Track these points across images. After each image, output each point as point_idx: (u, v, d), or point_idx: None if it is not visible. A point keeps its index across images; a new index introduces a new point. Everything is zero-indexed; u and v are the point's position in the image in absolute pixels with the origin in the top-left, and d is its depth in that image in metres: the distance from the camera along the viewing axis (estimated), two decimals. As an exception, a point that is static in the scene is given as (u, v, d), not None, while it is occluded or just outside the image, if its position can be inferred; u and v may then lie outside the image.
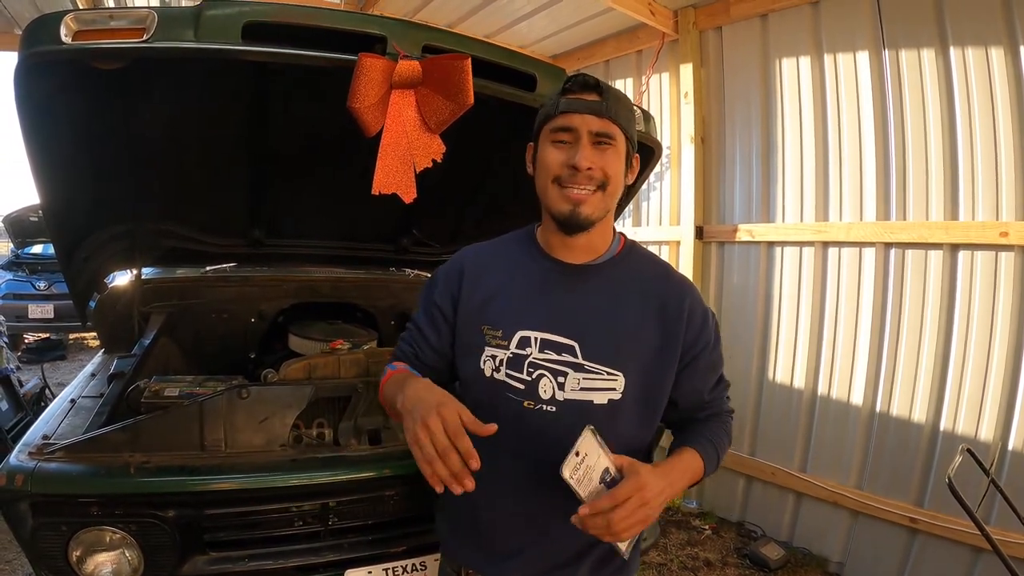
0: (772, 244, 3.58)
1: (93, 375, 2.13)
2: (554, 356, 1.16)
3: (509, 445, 1.18)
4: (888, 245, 3.07)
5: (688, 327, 1.21)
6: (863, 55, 3.10)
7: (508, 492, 1.21)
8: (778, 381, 3.59)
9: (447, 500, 1.32)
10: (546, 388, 1.15)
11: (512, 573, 1.22)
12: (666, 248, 4.12)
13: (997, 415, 2.71)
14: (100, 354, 2.42)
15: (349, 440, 1.75)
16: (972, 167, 2.76)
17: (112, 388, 1.86)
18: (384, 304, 2.91)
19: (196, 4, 1.33)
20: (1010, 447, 2.66)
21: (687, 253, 3.92)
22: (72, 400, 1.86)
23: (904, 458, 3.01)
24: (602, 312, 1.19)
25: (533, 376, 1.16)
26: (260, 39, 1.35)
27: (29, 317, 7.52)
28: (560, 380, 1.15)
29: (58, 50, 1.22)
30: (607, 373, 1.15)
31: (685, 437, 1.26)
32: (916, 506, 2.95)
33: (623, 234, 1.31)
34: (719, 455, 1.24)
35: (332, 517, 1.56)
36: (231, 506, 1.47)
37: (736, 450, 3.61)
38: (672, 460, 1.18)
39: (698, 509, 3.94)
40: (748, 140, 3.69)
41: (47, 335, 7.97)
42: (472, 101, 1.48)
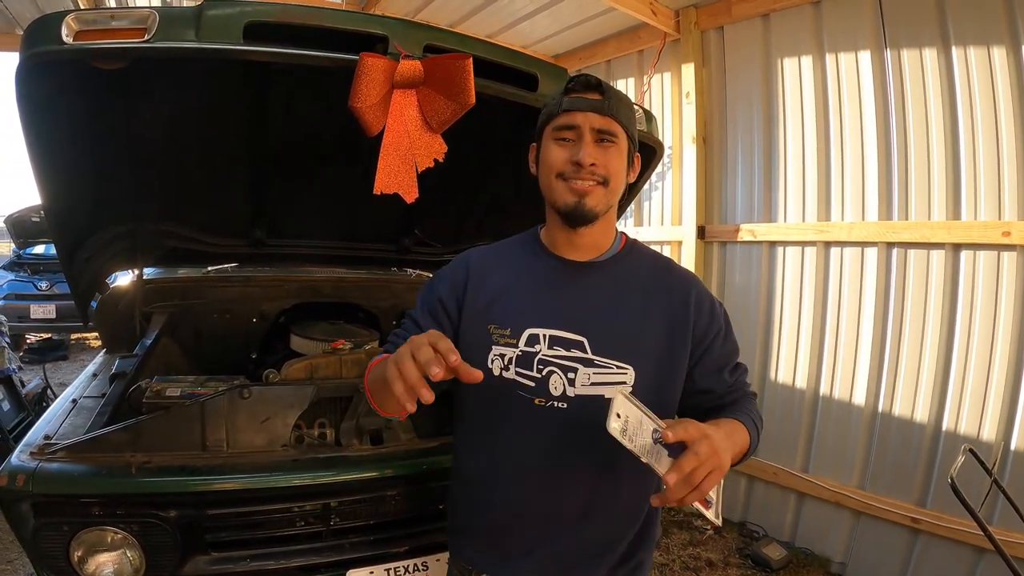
0: (774, 244, 3.57)
1: (95, 375, 2.14)
2: (563, 352, 1.16)
3: (520, 443, 1.19)
4: (890, 245, 3.06)
5: (697, 317, 1.21)
6: (865, 55, 3.10)
7: (520, 491, 1.20)
8: (780, 381, 3.58)
9: (458, 500, 1.33)
10: (557, 385, 1.15)
11: (523, 574, 1.21)
12: (668, 248, 4.12)
13: (999, 415, 2.70)
14: (102, 354, 2.42)
15: (351, 440, 1.75)
16: (974, 167, 2.75)
17: (114, 388, 1.86)
18: (386, 304, 2.91)
19: (197, 4, 1.33)
20: (1012, 447, 2.65)
21: (689, 253, 3.92)
22: (74, 400, 1.86)
23: (906, 458, 3.00)
24: (609, 307, 1.20)
25: (543, 373, 1.16)
26: (261, 39, 1.35)
27: (31, 317, 7.54)
28: (571, 376, 1.14)
29: (59, 50, 1.22)
30: (617, 367, 1.15)
31: (725, 414, 1.18)
32: (918, 506, 2.94)
33: (624, 233, 1.32)
34: (759, 433, 1.18)
35: (334, 517, 1.56)
36: (233, 506, 1.47)
37: (738, 450, 3.60)
38: (721, 422, 1.10)
39: (700, 509, 3.92)
40: (750, 140, 3.68)
41: (49, 335, 7.98)
42: (474, 101, 1.48)
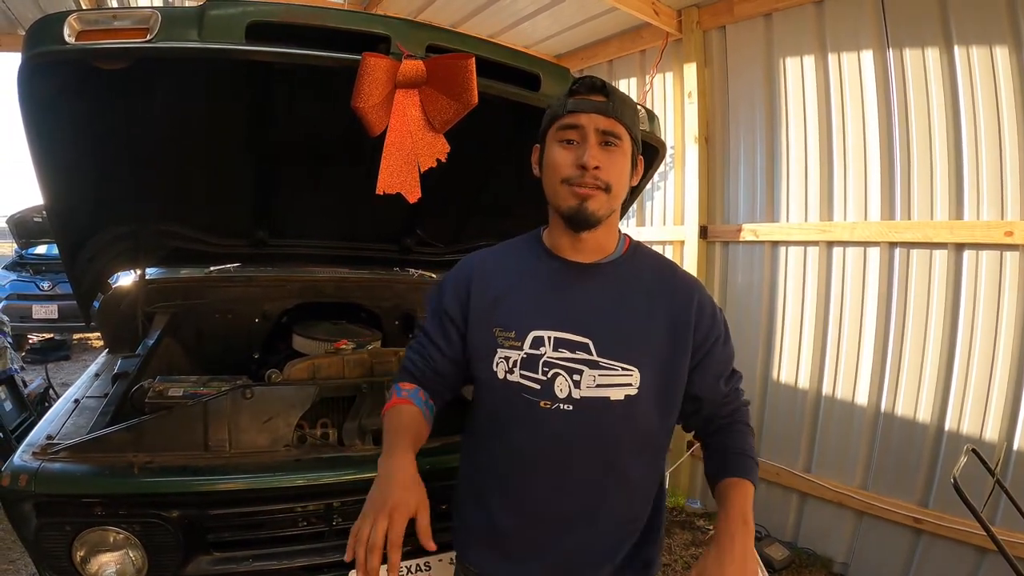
0: (776, 244, 3.57)
1: (97, 375, 2.13)
2: (568, 354, 1.16)
3: (526, 446, 1.19)
4: (892, 245, 3.06)
5: (699, 322, 1.21)
6: (867, 54, 3.09)
7: (525, 493, 1.20)
8: (783, 381, 3.58)
9: (462, 501, 1.33)
10: (562, 387, 1.15)
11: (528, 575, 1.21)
12: (670, 248, 4.11)
13: (1002, 415, 2.70)
14: (104, 354, 2.42)
15: (353, 440, 1.74)
16: (977, 166, 2.75)
17: (116, 388, 1.85)
18: (388, 304, 2.91)
19: (199, 4, 1.33)
20: (1015, 447, 2.65)
21: (691, 253, 3.92)
22: (76, 400, 1.86)
23: (909, 458, 3.00)
24: (613, 309, 1.20)
25: (548, 375, 1.16)
26: (264, 39, 1.35)
27: (33, 317, 7.55)
28: (576, 378, 1.14)
29: (62, 50, 1.22)
30: (622, 369, 1.15)
31: (724, 462, 1.24)
32: (921, 506, 2.94)
33: (628, 235, 1.32)
34: (754, 458, 1.25)
35: (336, 517, 1.56)
36: (235, 506, 1.47)
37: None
38: (730, 515, 1.13)
39: (702, 509, 3.93)
40: (752, 139, 3.68)
41: (51, 335, 8.00)
42: (476, 101, 1.48)
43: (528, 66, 1.67)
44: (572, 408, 1.15)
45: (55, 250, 7.25)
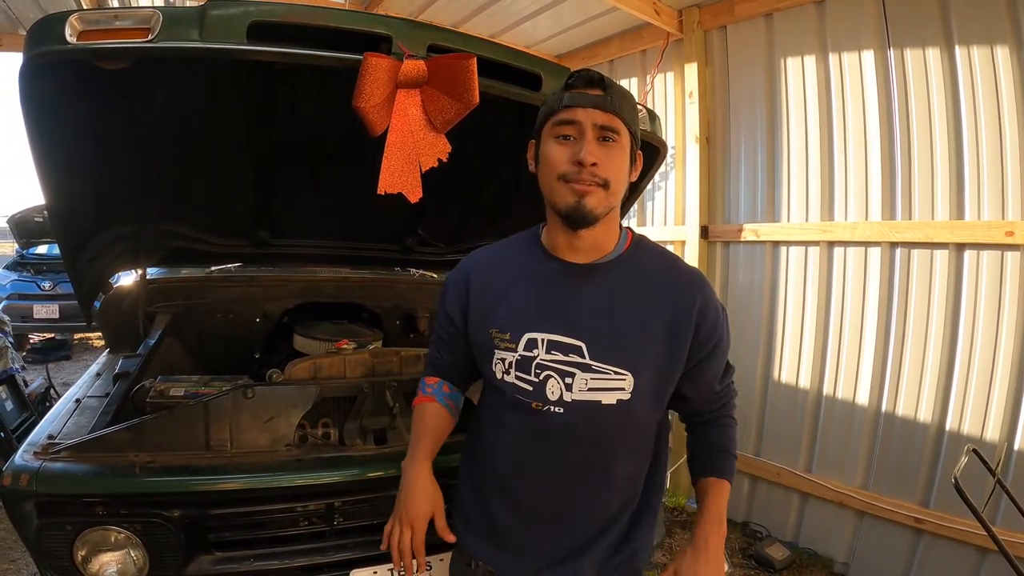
0: (777, 244, 3.57)
1: (98, 375, 2.14)
2: (561, 357, 1.15)
3: (520, 446, 1.20)
4: (893, 245, 3.05)
5: (699, 326, 1.19)
6: (868, 54, 3.09)
7: (519, 492, 1.22)
8: (783, 381, 3.58)
9: (462, 498, 1.34)
10: (553, 389, 1.15)
11: (523, 567, 1.23)
12: (671, 248, 4.09)
13: (1003, 415, 2.69)
14: (105, 354, 2.42)
15: (354, 440, 1.74)
16: (978, 166, 2.75)
17: (117, 388, 1.85)
18: (389, 304, 2.91)
19: (201, 4, 1.32)
20: (1016, 447, 2.65)
21: (692, 253, 3.91)
22: (77, 400, 1.86)
23: (910, 458, 2.99)
24: (610, 311, 1.18)
25: (540, 377, 1.16)
26: (265, 39, 1.35)
27: (34, 317, 7.55)
28: (567, 381, 1.14)
29: (63, 50, 1.22)
30: (615, 373, 1.14)
31: (708, 459, 1.30)
32: (922, 506, 2.94)
33: (630, 229, 1.30)
34: (734, 454, 1.31)
35: (337, 517, 1.56)
36: (236, 506, 1.47)
37: (741, 450, 3.57)
38: (706, 516, 1.23)
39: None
40: (753, 139, 3.68)
41: (52, 335, 7.99)
42: (478, 101, 1.48)
43: (529, 66, 1.67)
44: (563, 411, 1.15)
45: (56, 250, 7.30)
